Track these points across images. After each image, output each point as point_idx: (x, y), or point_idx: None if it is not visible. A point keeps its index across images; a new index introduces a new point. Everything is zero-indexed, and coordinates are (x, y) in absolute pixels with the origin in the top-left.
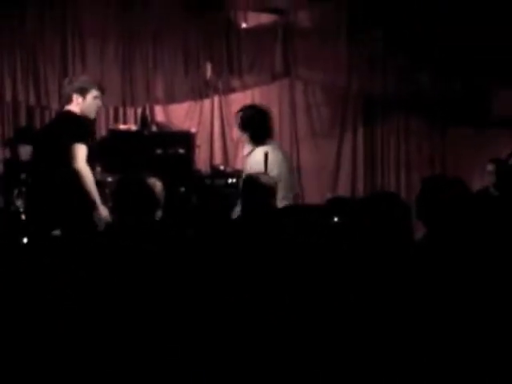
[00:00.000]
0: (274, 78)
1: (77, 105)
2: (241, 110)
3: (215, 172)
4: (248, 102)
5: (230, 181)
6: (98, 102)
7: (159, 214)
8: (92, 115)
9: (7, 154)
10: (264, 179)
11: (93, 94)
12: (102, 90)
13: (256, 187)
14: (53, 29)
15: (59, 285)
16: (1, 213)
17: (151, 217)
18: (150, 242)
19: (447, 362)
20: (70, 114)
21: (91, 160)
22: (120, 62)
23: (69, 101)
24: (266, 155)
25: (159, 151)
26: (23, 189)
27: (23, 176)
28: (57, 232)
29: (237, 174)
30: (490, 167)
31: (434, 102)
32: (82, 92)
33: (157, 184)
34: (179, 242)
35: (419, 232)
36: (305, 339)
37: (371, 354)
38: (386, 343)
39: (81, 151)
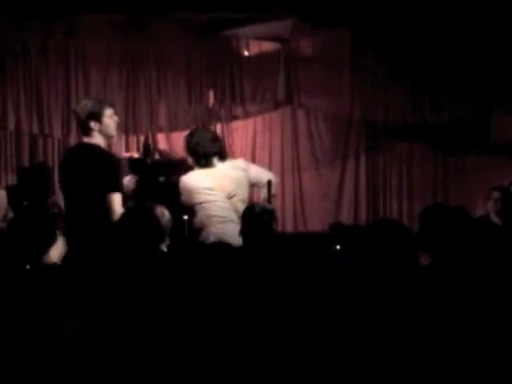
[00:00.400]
0: (277, 105)
1: (97, 132)
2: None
3: None
4: (250, 129)
5: None
6: (115, 118)
7: (167, 242)
8: (113, 133)
9: (10, 180)
10: (263, 206)
11: (107, 113)
12: (112, 104)
13: (255, 214)
14: (56, 57)
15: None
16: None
17: (157, 246)
18: (155, 271)
19: None
20: (96, 152)
21: None
22: (123, 90)
23: (87, 130)
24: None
25: (162, 179)
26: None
27: (25, 203)
28: None
29: None
30: (495, 195)
31: (437, 129)
32: (97, 116)
33: (164, 213)
34: (183, 268)
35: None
36: (308, 367)
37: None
38: (391, 370)
39: (117, 201)
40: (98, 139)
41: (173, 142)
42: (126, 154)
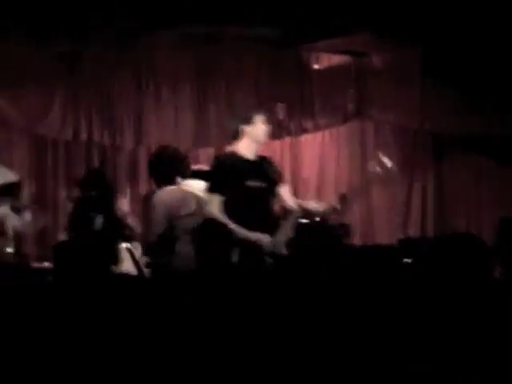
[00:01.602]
0: (346, 118)
1: (248, 134)
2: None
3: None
4: (318, 142)
5: (301, 221)
6: (265, 126)
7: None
8: (262, 138)
9: (76, 192)
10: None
11: (259, 118)
12: (265, 114)
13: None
14: (128, 69)
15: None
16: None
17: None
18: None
19: None
20: (227, 157)
21: None
22: (194, 103)
23: (238, 135)
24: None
25: None
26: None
27: (92, 214)
28: None
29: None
30: None
31: (505, 143)
32: (249, 121)
33: None
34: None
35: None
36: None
37: None
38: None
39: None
40: (245, 142)
41: None
42: (195, 167)
